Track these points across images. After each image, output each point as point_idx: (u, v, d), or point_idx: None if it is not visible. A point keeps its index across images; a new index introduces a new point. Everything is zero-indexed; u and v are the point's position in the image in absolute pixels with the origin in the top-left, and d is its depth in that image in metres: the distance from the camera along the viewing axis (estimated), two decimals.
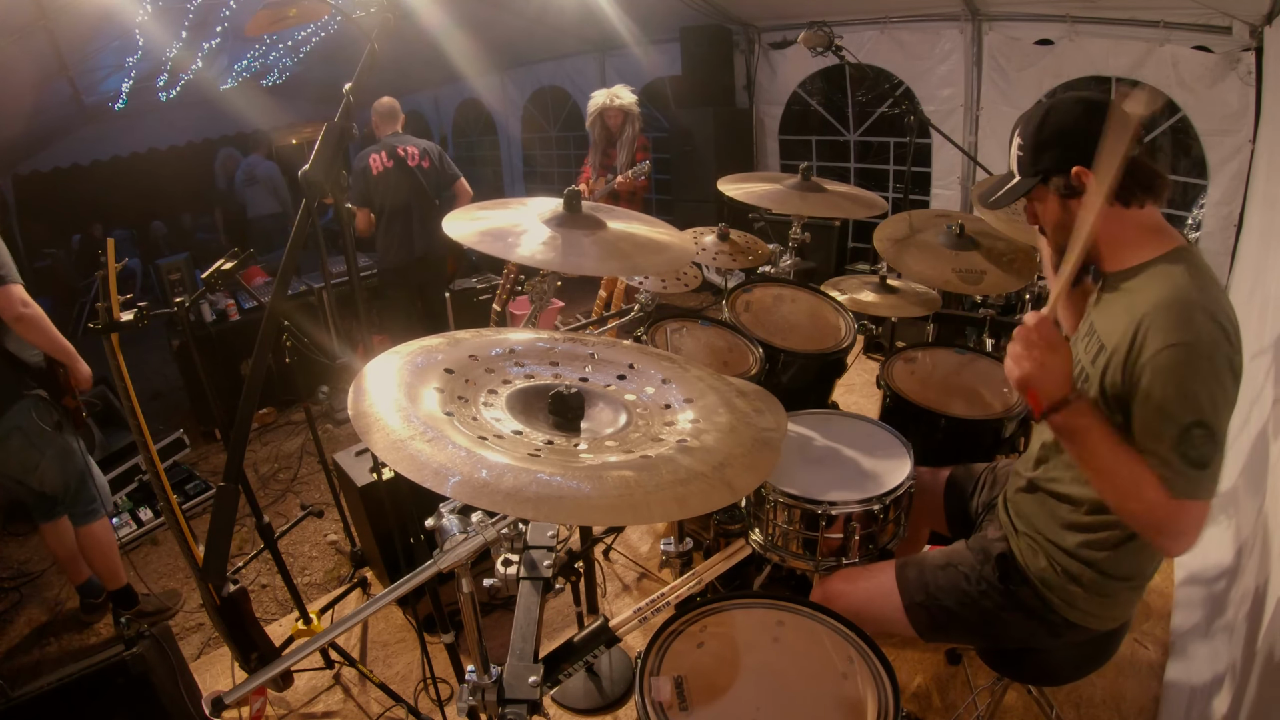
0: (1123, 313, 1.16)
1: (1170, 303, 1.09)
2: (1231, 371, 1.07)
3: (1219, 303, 1.09)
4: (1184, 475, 1.07)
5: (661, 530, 2.78)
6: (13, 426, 2.18)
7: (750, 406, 1.06)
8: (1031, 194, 1.27)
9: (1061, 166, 1.20)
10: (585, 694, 2.09)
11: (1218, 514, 2.24)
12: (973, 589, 1.39)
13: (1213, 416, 1.06)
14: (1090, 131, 1.15)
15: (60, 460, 2.29)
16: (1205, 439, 1.06)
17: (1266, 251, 2.54)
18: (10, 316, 2.09)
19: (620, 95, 4.06)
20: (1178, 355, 1.06)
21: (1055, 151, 1.20)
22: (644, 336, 2.10)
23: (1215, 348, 1.05)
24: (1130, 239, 1.21)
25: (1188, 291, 1.09)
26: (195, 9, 4.16)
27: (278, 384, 3.95)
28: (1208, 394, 1.06)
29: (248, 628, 1.63)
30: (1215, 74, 3.25)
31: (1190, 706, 1.80)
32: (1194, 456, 1.06)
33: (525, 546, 1.15)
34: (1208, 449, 1.06)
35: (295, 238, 1.21)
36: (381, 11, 1.22)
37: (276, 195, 6.86)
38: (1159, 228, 1.21)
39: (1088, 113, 1.17)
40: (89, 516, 2.41)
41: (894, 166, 5.04)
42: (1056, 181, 1.21)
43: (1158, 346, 1.08)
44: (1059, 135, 1.20)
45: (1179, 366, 1.06)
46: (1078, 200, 1.20)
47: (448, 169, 3.83)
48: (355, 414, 0.86)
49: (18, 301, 2.09)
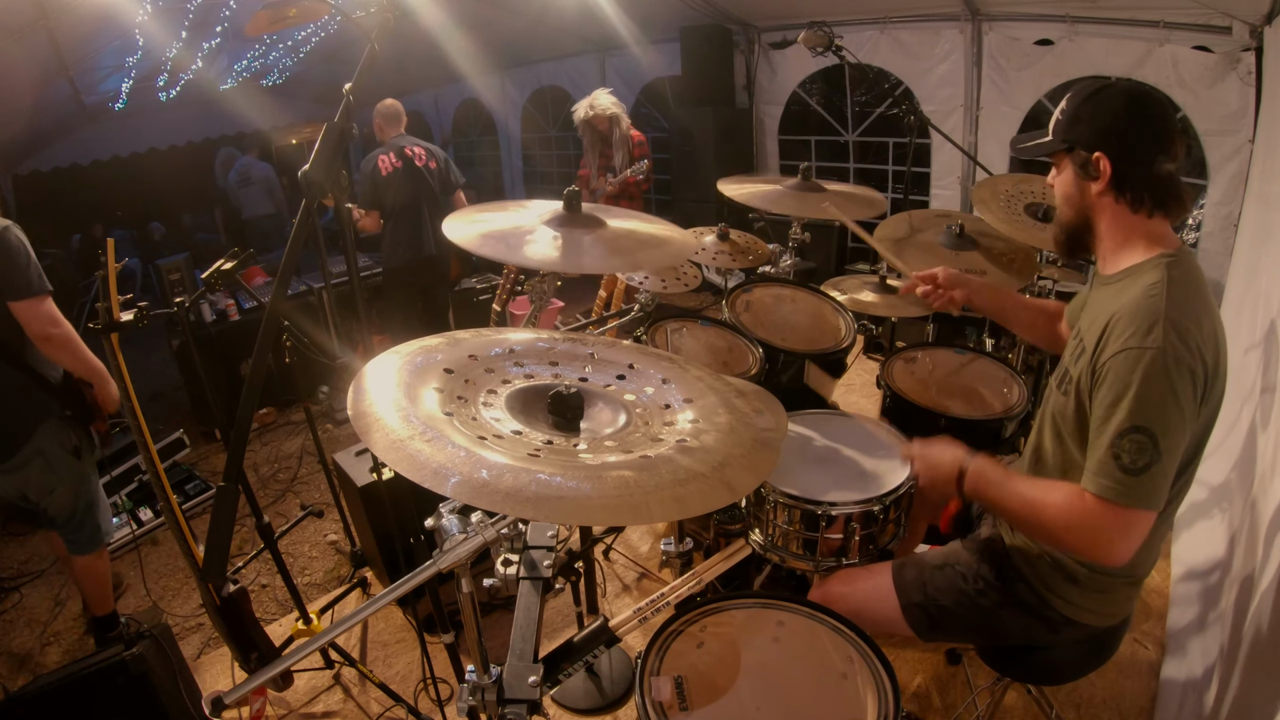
0: (1102, 314, 1.17)
1: (1137, 307, 1.10)
2: (1192, 385, 1.06)
3: (1192, 314, 1.09)
4: (1114, 478, 1.07)
5: (661, 530, 2.78)
6: (35, 450, 2.04)
7: (750, 406, 1.06)
8: (1055, 159, 1.28)
9: (1088, 145, 1.20)
10: (585, 694, 2.09)
11: (1211, 508, 2.25)
12: (970, 588, 1.40)
13: (1158, 425, 1.05)
14: (1128, 124, 1.16)
15: (75, 488, 2.16)
16: (1143, 446, 1.05)
17: (1260, 249, 2.55)
18: (39, 335, 1.93)
19: (597, 102, 4.09)
20: (1131, 359, 1.07)
21: (1087, 128, 1.20)
22: (644, 336, 2.10)
23: (1174, 359, 1.05)
24: (1129, 244, 1.22)
25: (1158, 300, 1.10)
26: (195, 9, 4.16)
27: (278, 384, 3.95)
28: (1156, 402, 1.05)
29: (248, 628, 1.63)
30: (1215, 74, 3.26)
31: (1183, 701, 1.81)
32: (1127, 461, 1.06)
33: (525, 546, 1.15)
34: (1145, 456, 1.05)
35: (295, 237, 1.21)
36: (381, 11, 1.22)
37: (271, 197, 6.85)
38: (1160, 237, 1.21)
39: (1131, 106, 1.17)
40: (89, 546, 2.26)
41: (893, 167, 5.04)
42: (1079, 155, 1.21)
43: (1116, 348, 1.09)
44: (1097, 115, 1.20)
45: (1130, 370, 1.07)
46: (1092, 183, 1.21)
47: (452, 173, 3.85)
48: (355, 414, 0.86)
49: (47, 320, 1.93)
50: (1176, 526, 2.44)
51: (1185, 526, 2.39)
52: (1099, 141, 1.18)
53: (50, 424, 2.06)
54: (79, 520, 2.21)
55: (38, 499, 2.12)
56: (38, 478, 2.07)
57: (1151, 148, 1.16)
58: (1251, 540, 1.71)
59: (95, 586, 2.34)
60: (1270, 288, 2.18)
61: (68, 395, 2.09)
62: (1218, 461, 2.27)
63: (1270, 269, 2.26)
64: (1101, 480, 1.09)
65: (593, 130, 4.14)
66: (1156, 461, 1.06)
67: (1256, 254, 2.56)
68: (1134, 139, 1.17)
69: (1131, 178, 1.18)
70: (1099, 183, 1.19)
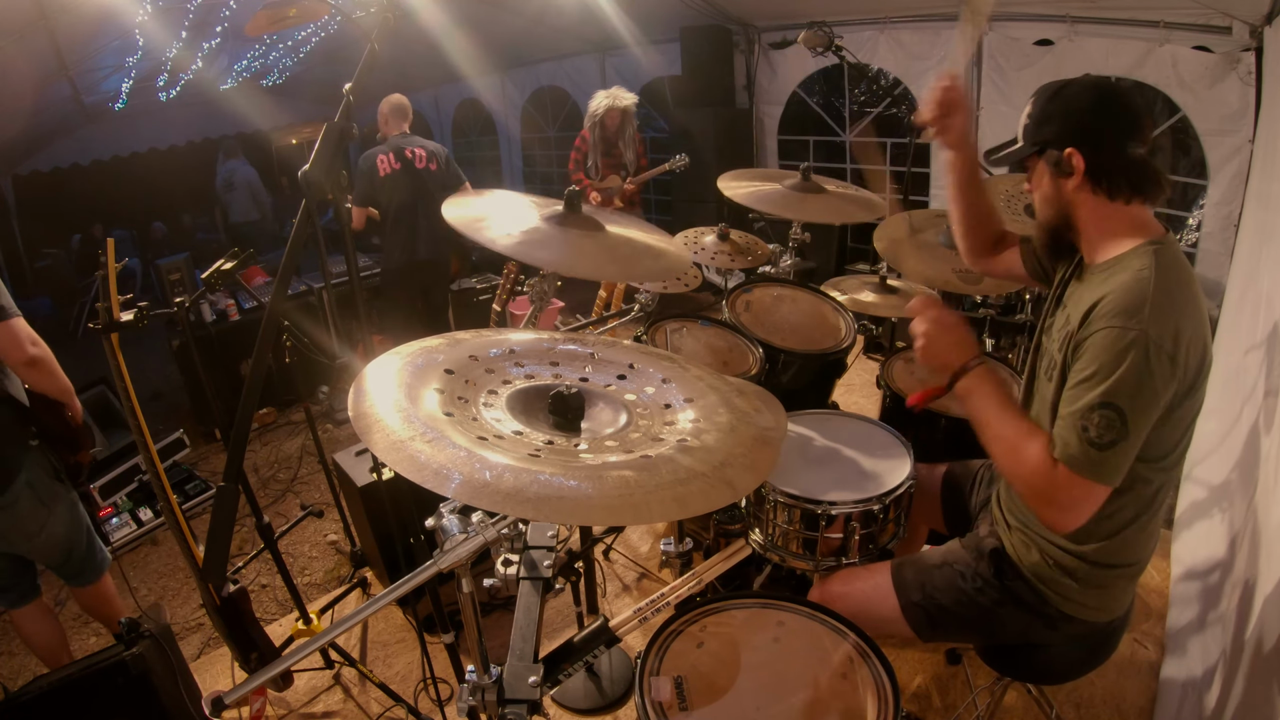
0: (1089, 297, 1.17)
1: (1125, 289, 1.11)
2: (1171, 370, 1.07)
3: (1178, 303, 1.10)
4: (1078, 448, 1.09)
5: (661, 530, 2.78)
6: (25, 483, 1.85)
7: (750, 406, 1.06)
8: (1027, 163, 1.29)
9: (1058, 143, 1.20)
10: (585, 694, 2.09)
11: (1211, 508, 2.25)
12: (969, 586, 1.40)
13: (1128, 405, 1.07)
14: (1095, 117, 1.17)
15: (68, 515, 1.98)
16: (1111, 422, 1.07)
17: (1260, 249, 2.55)
18: (20, 359, 1.75)
19: (622, 97, 4.14)
20: (1113, 336, 1.08)
21: (1056, 127, 1.21)
22: (644, 337, 2.10)
23: (1155, 343, 1.06)
24: (1113, 232, 1.22)
25: (1145, 284, 1.10)
26: (195, 9, 4.16)
27: (278, 384, 3.96)
28: (1131, 382, 1.07)
29: (248, 628, 1.63)
30: (1215, 74, 3.25)
31: (1183, 701, 1.81)
32: (1094, 435, 1.08)
33: (525, 546, 1.15)
34: (1111, 433, 1.07)
35: (295, 237, 1.21)
36: (381, 11, 1.22)
37: (255, 202, 6.79)
38: (1143, 224, 1.21)
39: (1097, 99, 1.18)
40: (96, 574, 2.12)
41: (891, 167, 5.04)
42: (1052, 155, 1.22)
43: (1100, 325, 1.11)
44: (1064, 113, 1.20)
45: (1110, 347, 1.08)
46: (1067, 179, 1.21)
47: (454, 172, 3.84)
48: (355, 414, 0.86)
49: (26, 340, 1.74)
50: (1176, 526, 2.44)
51: (1185, 526, 2.39)
52: (1069, 137, 1.19)
53: (31, 453, 1.89)
54: (84, 551, 2.06)
55: (28, 539, 1.92)
56: (28, 514, 1.88)
57: (1121, 135, 1.17)
58: (1254, 542, 1.71)
59: (108, 608, 2.20)
60: (1272, 288, 2.18)
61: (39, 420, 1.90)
62: (1218, 462, 2.27)
63: (1271, 269, 2.26)
64: (1066, 449, 1.11)
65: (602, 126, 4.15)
66: (1123, 440, 1.08)
67: (1257, 254, 2.56)
68: (1103, 129, 1.18)
69: (1106, 167, 1.18)
70: (1074, 178, 1.20)
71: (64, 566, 2.05)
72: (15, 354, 1.74)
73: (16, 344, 1.73)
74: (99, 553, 2.14)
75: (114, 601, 2.22)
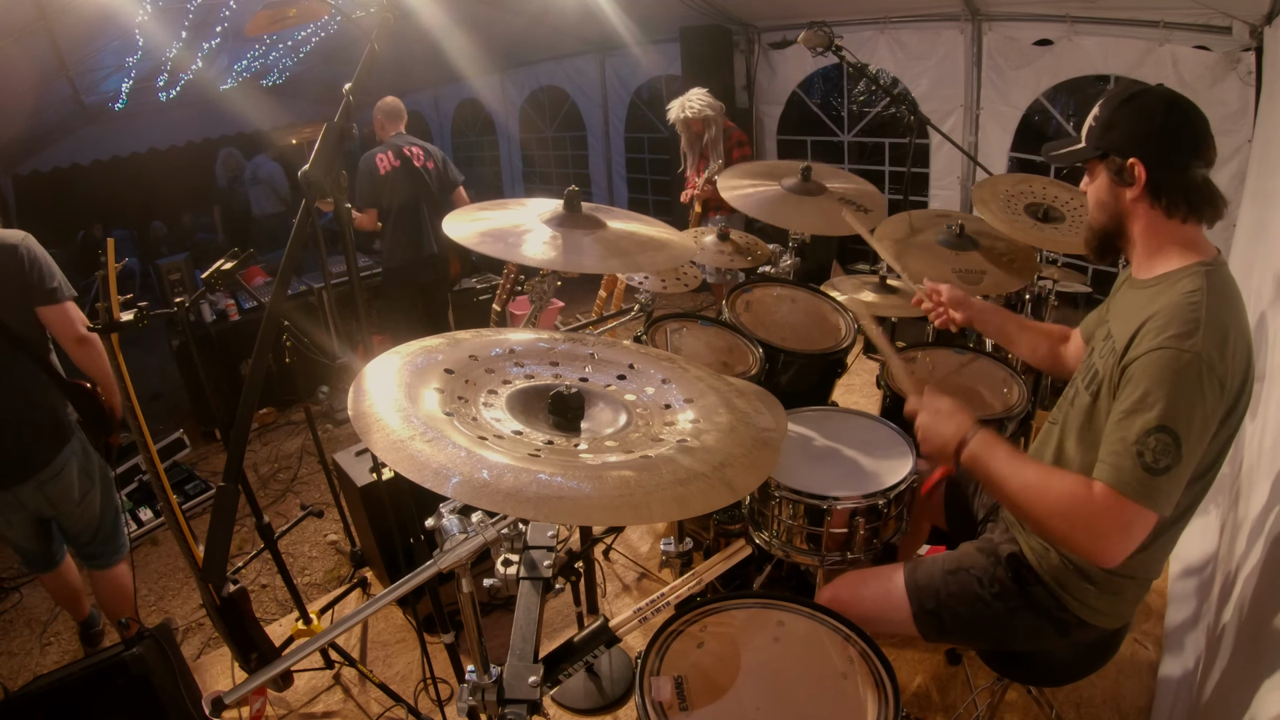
0: (1137, 314, 1.16)
1: (1176, 310, 1.09)
2: (1220, 393, 1.06)
3: (1228, 326, 1.08)
4: (1133, 474, 1.06)
5: (661, 530, 2.78)
6: (72, 452, 2.00)
7: (750, 406, 1.06)
8: (1088, 165, 1.27)
9: (1122, 151, 1.18)
10: (585, 694, 2.09)
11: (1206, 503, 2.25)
12: (986, 592, 1.39)
13: (1183, 428, 1.05)
14: (1164, 132, 1.15)
15: (106, 490, 2.12)
16: (1167, 447, 1.05)
17: (1255, 247, 2.55)
18: (73, 337, 1.88)
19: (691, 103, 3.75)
20: (1167, 358, 1.06)
21: (1122, 135, 1.19)
22: (644, 337, 2.10)
23: (1208, 366, 1.04)
24: (1165, 249, 1.21)
25: (1198, 307, 1.09)
26: (195, 9, 4.16)
27: (278, 384, 3.94)
28: (1185, 405, 1.05)
29: (248, 628, 1.63)
30: (1215, 74, 3.25)
31: (1176, 697, 1.81)
32: (1150, 459, 1.05)
33: (525, 546, 1.15)
34: (1167, 458, 1.05)
35: (295, 237, 1.21)
36: (381, 11, 1.22)
37: (277, 194, 6.87)
38: (1196, 243, 1.20)
39: (1168, 114, 1.16)
40: (116, 556, 2.20)
41: (890, 167, 5.04)
42: (1114, 162, 1.20)
43: (1152, 345, 1.08)
44: (1133, 122, 1.18)
45: (1164, 369, 1.06)
46: (1127, 189, 1.20)
47: (450, 172, 3.85)
48: (355, 414, 0.86)
49: (79, 320, 1.87)
50: None
51: None
52: (1134, 147, 1.17)
53: (78, 428, 2.04)
54: (109, 529, 2.15)
55: (70, 508, 2.04)
56: (76, 482, 2.01)
57: (1187, 154, 1.15)
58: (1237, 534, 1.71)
59: (122, 598, 2.25)
60: (1262, 283, 2.19)
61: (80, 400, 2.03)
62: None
63: (1262, 264, 2.27)
64: (1119, 474, 1.07)
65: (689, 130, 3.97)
66: (1176, 465, 1.05)
67: (1252, 251, 2.57)
68: (1169, 145, 1.15)
69: (1167, 184, 1.16)
70: (1134, 189, 1.18)
71: (89, 544, 2.14)
72: (69, 331, 1.88)
73: (69, 323, 1.88)
74: (121, 535, 2.23)
75: (128, 594, 2.27)
